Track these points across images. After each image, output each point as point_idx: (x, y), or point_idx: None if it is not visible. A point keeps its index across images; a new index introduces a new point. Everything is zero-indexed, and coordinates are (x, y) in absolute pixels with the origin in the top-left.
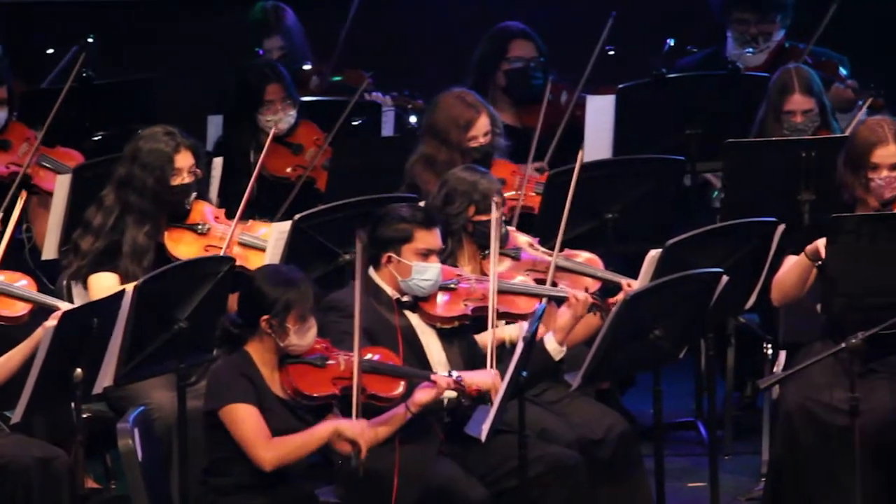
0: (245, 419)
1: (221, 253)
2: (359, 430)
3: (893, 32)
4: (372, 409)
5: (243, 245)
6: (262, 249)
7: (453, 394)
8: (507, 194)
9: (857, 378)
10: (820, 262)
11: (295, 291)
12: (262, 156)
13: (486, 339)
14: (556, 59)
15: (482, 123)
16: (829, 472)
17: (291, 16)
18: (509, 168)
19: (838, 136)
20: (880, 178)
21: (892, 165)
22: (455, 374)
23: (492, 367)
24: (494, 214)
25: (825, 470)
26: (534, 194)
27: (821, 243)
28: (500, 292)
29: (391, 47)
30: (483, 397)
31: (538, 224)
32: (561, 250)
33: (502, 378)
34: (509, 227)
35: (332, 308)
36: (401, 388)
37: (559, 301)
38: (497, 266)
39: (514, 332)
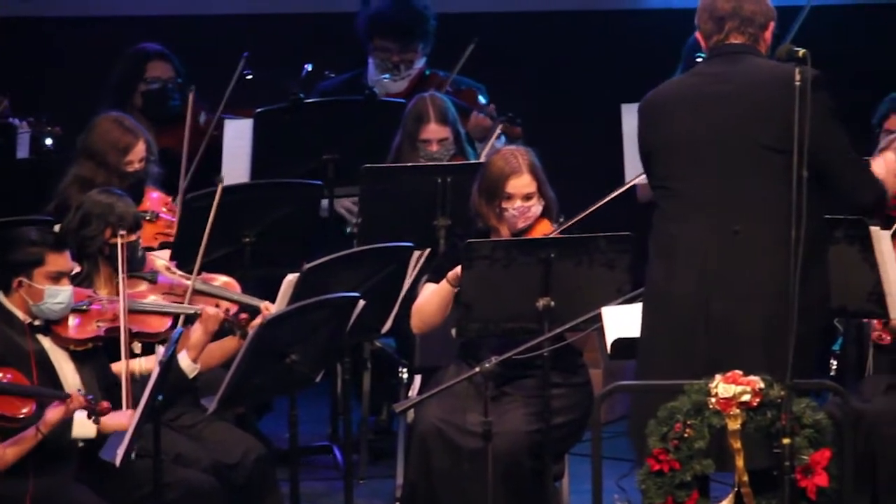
0: None
1: None
2: None
3: (534, 59)
4: (2, 430)
5: None
6: None
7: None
8: (160, 231)
9: (491, 401)
10: (457, 288)
11: None
12: None
13: (120, 367)
14: (198, 81)
15: (140, 149)
16: (462, 494)
17: None
18: (163, 201)
19: (474, 161)
20: (514, 209)
21: (525, 196)
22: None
23: (128, 397)
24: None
25: (458, 492)
26: None
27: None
28: (133, 312)
29: (31, 71)
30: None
31: (175, 248)
32: (198, 274)
33: (137, 404)
34: (147, 251)
35: None
36: (29, 407)
37: (192, 320)
38: (132, 289)
39: (145, 364)
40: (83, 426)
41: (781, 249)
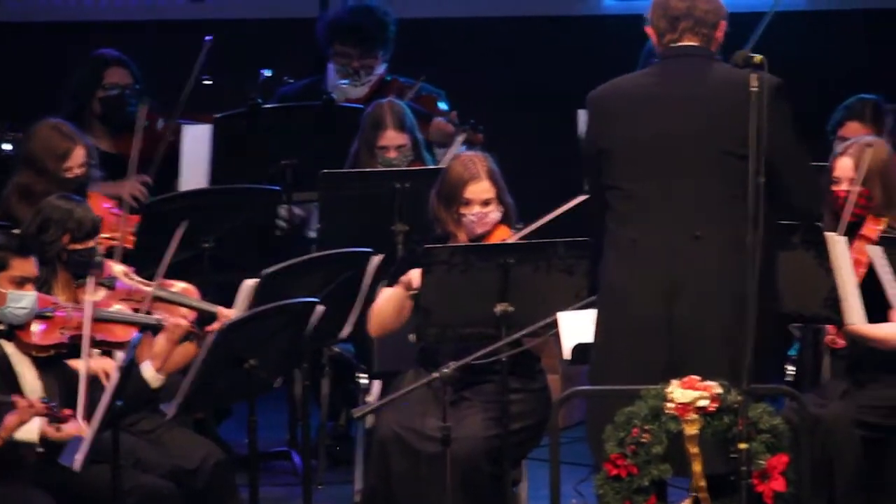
0: None
1: None
2: None
3: (493, 64)
4: None
5: None
6: None
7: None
8: (104, 235)
9: (449, 406)
10: (414, 293)
11: None
12: None
13: (75, 364)
14: (154, 86)
15: (78, 154)
16: (421, 499)
17: None
18: (104, 202)
19: (432, 167)
20: (472, 214)
21: (483, 202)
22: (48, 400)
23: (84, 396)
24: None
25: (417, 496)
26: (132, 236)
27: (415, 274)
28: (98, 320)
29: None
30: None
31: (134, 254)
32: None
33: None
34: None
35: None
36: None
37: (155, 330)
38: (92, 295)
39: (92, 364)
40: (25, 430)
41: (737, 255)
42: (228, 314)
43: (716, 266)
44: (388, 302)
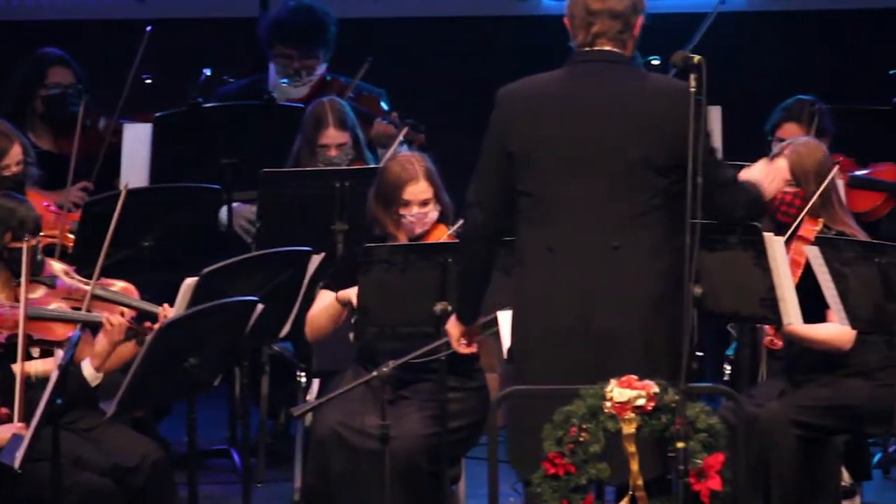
0: None
1: None
2: None
3: (435, 64)
4: None
5: None
6: None
7: None
8: (43, 233)
9: (388, 404)
10: (350, 307)
11: None
12: None
13: (16, 369)
14: (97, 85)
15: (15, 152)
16: (360, 497)
17: None
18: (43, 201)
19: (373, 167)
20: (411, 215)
21: (422, 202)
22: None
23: (20, 397)
24: (26, 244)
25: (356, 494)
26: (70, 234)
27: (353, 293)
28: (36, 319)
29: None
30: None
31: (74, 252)
32: (97, 279)
33: (35, 408)
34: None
35: None
36: None
37: (94, 328)
38: (31, 294)
39: (41, 366)
40: None
41: (656, 261)
42: (168, 313)
43: (634, 274)
44: (323, 311)
